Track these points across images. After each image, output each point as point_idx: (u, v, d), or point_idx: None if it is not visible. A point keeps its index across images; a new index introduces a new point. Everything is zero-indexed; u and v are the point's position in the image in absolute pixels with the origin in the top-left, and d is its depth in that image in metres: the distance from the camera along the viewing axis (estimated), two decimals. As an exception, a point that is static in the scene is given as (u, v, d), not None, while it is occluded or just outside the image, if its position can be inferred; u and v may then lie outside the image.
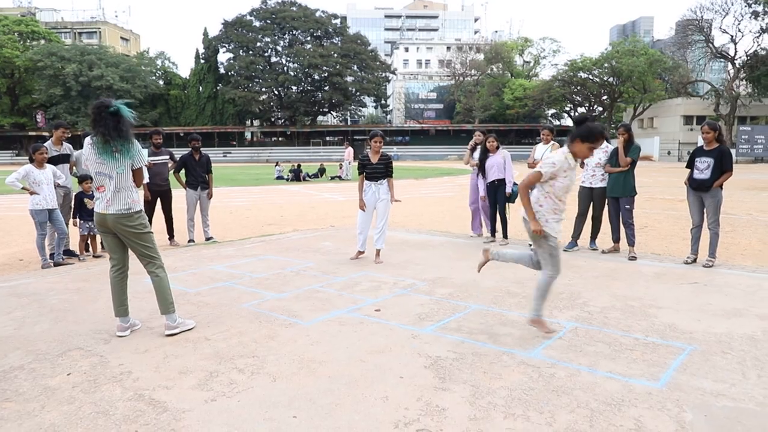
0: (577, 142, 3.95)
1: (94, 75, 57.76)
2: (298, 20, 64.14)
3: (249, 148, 67.78)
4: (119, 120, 3.86)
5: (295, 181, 26.03)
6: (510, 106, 62.46)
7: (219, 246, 8.01)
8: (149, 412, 2.87)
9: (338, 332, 4.13)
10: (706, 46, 51.83)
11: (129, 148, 3.95)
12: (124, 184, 3.99)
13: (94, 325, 4.32)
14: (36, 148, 6.69)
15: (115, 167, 3.93)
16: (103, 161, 3.93)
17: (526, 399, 3.02)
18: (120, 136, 3.88)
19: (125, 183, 3.99)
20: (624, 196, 6.93)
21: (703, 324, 4.30)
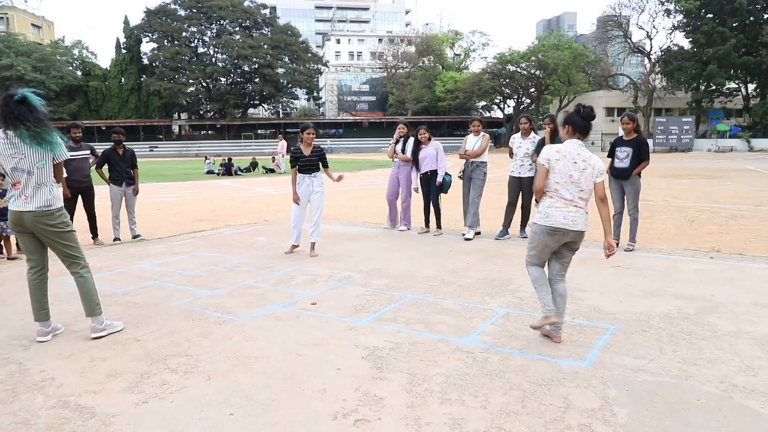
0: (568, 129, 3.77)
1: (2, 64, 53.83)
2: (226, 9, 62.29)
3: (177, 142, 65.40)
4: (30, 109, 3.61)
5: (226, 175, 25.39)
6: (441, 98, 63.49)
7: (147, 244, 7.71)
8: (75, 419, 2.74)
9: (274, 327, 4.09)
10: (625, 42, 54.71)
11: (50, 139, 3.70)
12: (44, 180, 3.74)
13: (11, 332, 4.05)
14: None
15: (34, 161, 3.69)
16: (21, 155, 3.67)
17: (462, 384, 3.10)
18: (38, 125, 3.63)
19: (45, 178, 3.75)
20: None
21: (624, 305, 4.55)
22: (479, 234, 7.90)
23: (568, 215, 3.67)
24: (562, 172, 3.67)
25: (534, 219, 3.82)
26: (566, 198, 3.67)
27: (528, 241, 3.91)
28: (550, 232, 3.69)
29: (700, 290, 4.95)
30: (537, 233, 3.75)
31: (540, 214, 3.74)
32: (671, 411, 2.78)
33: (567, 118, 3.80)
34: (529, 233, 3.90)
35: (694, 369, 3.27)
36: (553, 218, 3.67)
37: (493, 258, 6.41)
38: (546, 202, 3.73)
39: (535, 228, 3.76)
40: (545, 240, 3.73)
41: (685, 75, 47.53)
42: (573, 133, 3.74)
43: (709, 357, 3.45)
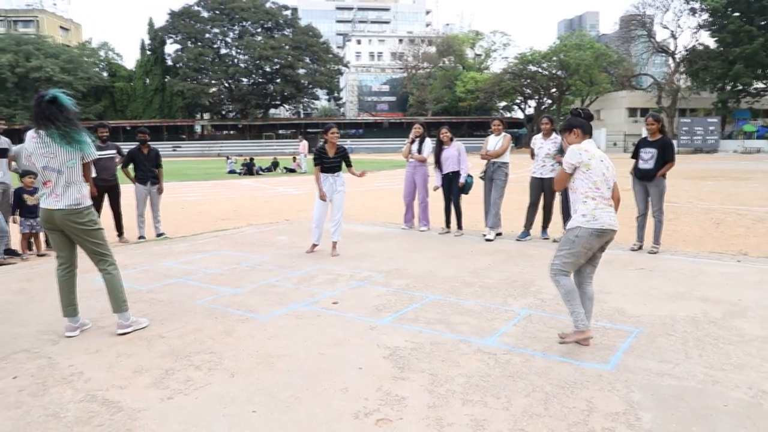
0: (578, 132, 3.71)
1: (32, 66, 55.05)
2: (248, 11, 62.83)
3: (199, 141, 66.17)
4: (61, 109, 3.70)
5: (248, 175, 25.62)
6: (462, 98, 63.19)
7: (171, 242, 7.82)
8: (102, 413, 2.79)
9: (296, 326, 4.12)
10: (649, 41, 53.89)
11: (80, 138, 3.79)
12: (74, 179, 3.83)
13: (41, 327, 4.15)
14: None
15: (64, 161, 3.78)
16: (52, 155, 3.76)
17: (484, 385, 3.09)
18: (68, 125, 3.72)
19: (75, 177, 3.84)
20: None
21: (648, 308, 4.49)
22: (500, 235, 7.86)
23: (612, 215, 3.64)
24: (597, 171, 3.59)
25: (576, 223, 3.59)
26: (606, 197, 3.63)
27: (563, 248, 3.64)
28: (599, 234, 3.58)
29: (726, 294, 4.86)
30: (582, 236, 3.56)
31: (585, 217, 3.56)
32: (698, 417, 2.74)
33: (573, 122, 3.72)
34: (565, 240, 3.64)
35: (721, 374, 3.22)
36: (602, 220, 3.57)
37: (515, 259, 6.37)
38: (590, 205, 3.58)
39: (581, 232, 3.56)
40: (591, 243, 3.59)
41: (710, 75, 46.66)
42: (584, 135, 3.69)
43: (737, 362, 3.39)
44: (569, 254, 3.61)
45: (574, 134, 3.69)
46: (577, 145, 3.65)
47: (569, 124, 3.72)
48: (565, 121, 3.77)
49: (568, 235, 3.65)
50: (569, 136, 3.72)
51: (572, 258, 3.61)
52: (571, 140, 3.70)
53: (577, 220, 3.61)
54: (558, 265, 3.64)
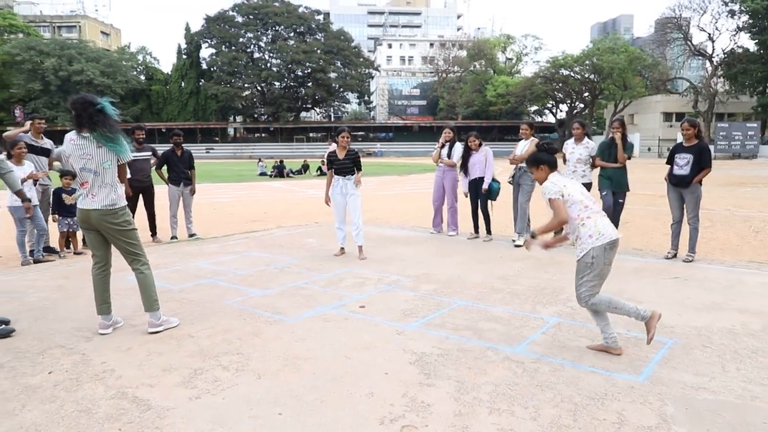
0: (545, 168, 3.77)
1: (74, 69, 56.88)
2: (281, 16, 63.72)
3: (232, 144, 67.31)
4: (107, 117, 3.84)
5: (278, 177, 25.90)
6: (492, 102, 62.78)
7: (202, 242, 7.94)
8: (132, 410, 2.85)
9: (323, 329, 4.13)
10: (685, 44, 52.65)
11: (117, 142, 3.91)
12: (109, 180, 3.94)
13: (76, 323, 4.26)
14: (14, 143, 6.55)
15: (101, 162, 3.88)
16: (89, 156, 3.87)
17: (511, 394, 3.04)
18: (109, 131, 3.85)
19: (110, 179, 3.94)
20: (621, 191, 7.06)
21: (683, 318, 4.37)
22: (530, 241, 7.74)
23: (611, 224, 3.66)
24: (576, 193, 3.65)
25: (587, 246, 3.55)
26: (597, 210, 3.66)
27: (584, 274, 3.58)
28: (612, 246, 3.57)
29: (766, 305, 4.69)
30: (598, 256, 3.53)
31: (592, 237, 3.55)
32: (734, 432, 2.64)
33: (540, 158, 3.76)
34: (582, 267, 3.60)
35: (760, 389, 3.10)
36: (608, 232, 3.57)
37: (545, 266, 6.27)
38: (589, 224, 3.58)
39: (595, 252, 3.53)
40: (609, 257, 3.58)
41: (750, 78, 45.34)
42: (550, 170, 3.74)
43: (777, 377, 3.27)
44: (593, 277, 3.58)
45: (541, 170, 3.75)
46: (548, 181, 3.70)
47: (536, 159, 3.77)
48: (532, 157, 3.83)
49: (584, 260, 3.59)
50: (537, 172, 3.78)
51: (597, 279, 3.59)
52: (539, 176, 3.76)
53: (586, 243, 3.57)
54: (585, 292, 3.60)
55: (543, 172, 3.74)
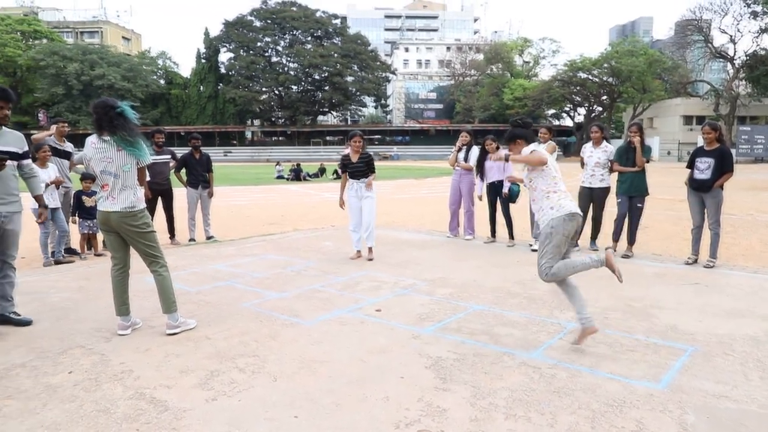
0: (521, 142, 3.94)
1: (95, 74, 57.87)
2: (299, 20, 64.19)
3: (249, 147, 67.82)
4: (126, 121, 3.90)
5: (295, 180, 26.04)
6: (510, 106, 62.46)
7: (220, 245, 8.01)
8: (150, 411, 2.87)
9: (339, 332, 4.13)
10: (706, 46, 51.93)
11: (137, 146, 3.97)
12: (129, 183, 3.99)
13: (96, 324, 4.32)
14: (38, 146, 6.68)
15: (121, 165, 3.94)
16: (109, 159, 3.93)
17: (527, 400, 3.02)
18: (128, 135, 3.91)
19: (130, 181, 4.00)
20: (638, 195, 6.98)
21: (704, 325, 4.30)
22: (547, 245, 7.68)
23: (575, 202, 3.85)
24: (553, 168, 3.86)
25: (547, 217, 3.76)
26: (564, 190, 3.86)
27: (543, 245, 3.77)
28: (571, 218, 3.75)
29: (790, 313, 4.60)
30: (557, 226, 3.72)
31: (553, 209, 3.75)
32: (757, 442, 2.59)
33: (515, 132, 3.92)
34: (543, 237, 3.77)
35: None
36: (568, 206, 3.76)
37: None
38: (553, 198, 3.78)
39: (554, 222, 3.72)
40: (567, 229, 3.74)
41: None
42: (527, 143, 3.90)
43: (801, 386, 3.20)
44: (551, 248, 3.74)
45: (518, 144, 3.91)
46: (528, 147, 3.86)
47: (512, 135, 3.91)
48: (508, 133, 3.96)
49: (544, 231, 3.78)
50: (515, 147, 3.92)
51: (555, 249, 3.75)
52: (517, 150, 3.91)
53: (547, 214, 3.78)
54: (545, 264, 3.76)
55: (520, 145, 3.91)
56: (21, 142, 4.32)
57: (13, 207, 4.26)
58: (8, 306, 4.33)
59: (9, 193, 4.21)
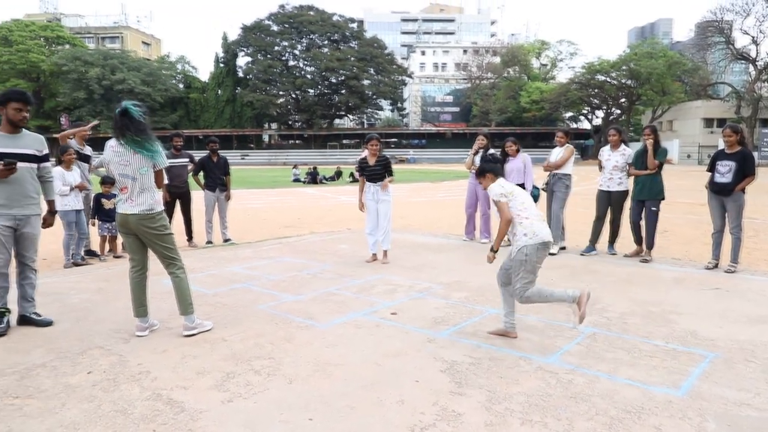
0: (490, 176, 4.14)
1: (116, 79, 58.82)
2: (316, 24, 64.59)
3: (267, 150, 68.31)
4: (131, 119, 3.92)
5: (311, 183, 26.15)
6: (527, 109, 62.18)
7: (237, 248, 8.07)
8: (166, 412, 2.90)
9: (354, 335, 4.14)
10: (727, 48, 51.16)
11: (151, 147, 4.00)
12: (147, 185, 4.04)
13: (115, 325, 4.37)
14: (63, 149, 6.81)
15: (137, 168, 3.99)
16: (126, 162, 3.98)
17: (544, 405, 2.99)
18: (135, 134, 3.93)
19: (148, 184, 4.04)
20: (651, 198, 6.87)
21: (725, 331, 4.22)
22: (564, 249, 7.63)
23: (547, 228, 4.00)
24: (520, 196, 4.02)
25: (521, 243, 3.88)
26: (536, 214, 4.02)
27: (518, 271, 3.87)
28: (544, 247, 3.90)
29: (814, 319, 4.50)
30: (531, 253, 3.86)
31: (527, 236, 3.88)
32: (780, 451, 2.53)
33: (485, 167, 4.18)
34: (517, 263, 3.88)
35: (807, 406, 2.97)
36: (542, 233, 3.89)
37: (580, 275, 6.16)
38: (526, 224, 3.91)
39: (528, 249, 3.86)
40: (540, 256, 3.90)
41: (797, 83, 43.72)
42: (495, 177, 4.12)
43: (826, 394, 3.12)
44: (526, 273, 3.88)
45: (488, 178, 4.13)
46: (495, 184, 4.06)
47: (482, 170, 4.19)
48: (478, 168, 4.25)
49: (517, 257, 3.89)
50: (484, 180, 4.16)
51: (530, 275, 3.89)
52: (486, 183, 4.13)
53: (521, 240, 3.90)
54: (520, 288, 3.89)
55: (489, 179, 4.12)
56: (40, 145, 4.37)
57: (30, 210, 4.30)
58: (29, 306, 4.41)
59: (26, 196, 4.26)
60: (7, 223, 4.18)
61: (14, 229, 4.25)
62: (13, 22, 61.24)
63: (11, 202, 4.17)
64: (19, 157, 4.18)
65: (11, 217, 4.19)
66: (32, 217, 4.33)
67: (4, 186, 4.14)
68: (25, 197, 4.25)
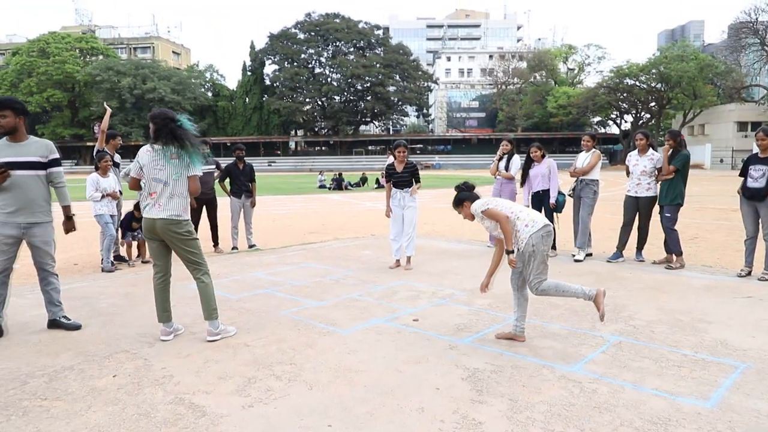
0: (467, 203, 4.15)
1: (147, 88, 60.20)
2: (342, 32, 65.13)
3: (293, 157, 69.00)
4: (184, 131, 4.05)
5: (337, 189, 26.28)
6: (553, 114, 61.52)
7: (261, 253, 8.14)
8: (188, 416, 2.93)
9: (376, 341, 4.13)
10: (762, 49, 49.85)
11: (194, 156, 4.10)
12: (178, 191, 4.11)
13: (140, 329, 4.45)
14: (101, 156, 6.99)
15: (171, 173, 4.07)
16: (160, 167, 4.06)
17: (567, 415, 2.93)
18: (187, 145, 4.05)
19: (180, 190, 4.11)
20: (667, 204, 6.74)
21: (758, 341, 4.09)
22: (590, 255, 7.50)
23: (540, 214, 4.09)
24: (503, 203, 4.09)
25: (524, 236, 3.90)
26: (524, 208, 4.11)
27: (530, 265, 3.91)
28: (548, 233, 3.94)
29: None
30: (537, 243, 3.88)
31: (528, 227, 3.91)
32: (814, 466, 2.44)
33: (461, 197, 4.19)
34: (527, 258, 3.91)
35: (844, 420, 2.85)
36: (539, 218, 3.98)
37: (606, 281, 6.04)
38: (523, 216, 3.98)
39: (533, 239, 3.87)
40: (547, 243, 3.93)
41: (836, 85, 42.35)
42: (472, 203, 4.12)
43: None
44: (538, 264, 3.90)
45: (465, 206, 4.16)
46: (475, 203, 4.10)
47: (458, 200, 4.20)
48: (454, 200, 4.23)
49: (526, 251, 3.91)
50: (463, 209, 4.18)
51: (542, 266, 3.92)
52: (466, 212, 4.16)
53: (524, 233, 3.91)
54: (534, 280, 3.92)
55: (467, 207, 4.14)
56: (46, 150, 4.31)
57: (36, 218, 4.27)
58: (57, 311, 4.51)
59: (33, 203, 4.24)
60: (10, 232, 4.19)
61: (18, 238, 4.25)
62: (50, 34, 63.24)
63: (17, 209, 4.19)
64: (22, 165, 4.18)
65: (16, 225, 4.21)
66: (41, 224, 4.32)
67: (8, 193, 4.16)
68: (31, 204, 4.24)
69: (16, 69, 60.26)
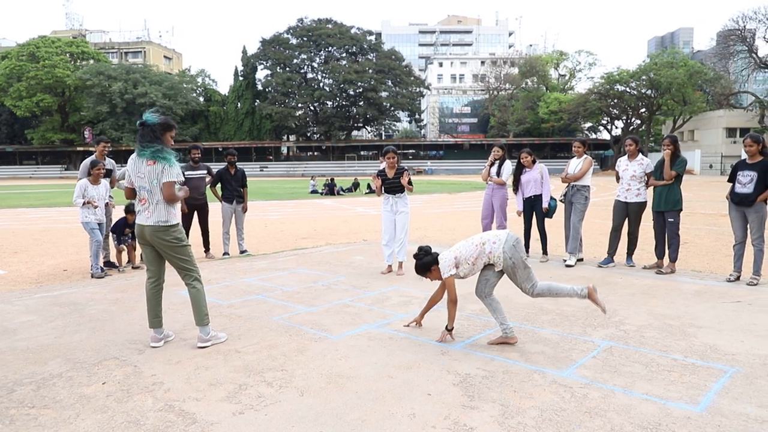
0: (435, 267, 4.22)
1: (138, 92, 59.97)
2: (334, 37, 65.26)
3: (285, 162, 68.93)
4: (152, 128, 3.97)
5: (329, 195, 26.26)
6: (545, 119, 61.89)
7: (252, 259, 8.11)
8: (178, 424, 2.91)
9: (367, 347, 4.12)
10: (750, 57, 50.50)
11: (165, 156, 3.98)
12: (161, 197, 4.08)
13: (130, 336, 4.41)
14: (94, 164, 6.95)
15: (150, 180, 4.04)
16: (141, 175, 4.04)
17: (558, 420, 2.94)
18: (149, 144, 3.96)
19: (161, 195, 4.08)
20: (668, 210, 6.78)
21: (746, 345, 4.12)
22: (581, 261, 7.54)
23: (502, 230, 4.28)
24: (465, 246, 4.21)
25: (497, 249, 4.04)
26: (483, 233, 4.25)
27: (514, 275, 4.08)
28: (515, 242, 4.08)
29: (840, 334, 4.37)
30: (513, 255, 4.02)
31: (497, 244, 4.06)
32: (802, 470, 2.46)
33: (425, 263, 4.27)
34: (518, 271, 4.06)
35: (831, 424, 2.88)
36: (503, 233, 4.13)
37: (596, 286, 6.05)
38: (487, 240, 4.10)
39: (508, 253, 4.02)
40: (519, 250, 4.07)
41: (823, 92, 42.91)
42: (436, 263, 4.24)
43: None
44: (523, 272, 4.05)
45: (434, 271, 4.24)
46: (441, 261, 4.20)
47: (423, 267, 4.27)
48: (419, 268, 4.31)
49: (506, 265, 4.05)
50: (432, 274, 4.26)
51: (527, 270, 4.07)
52: (435, 275, 4.25)
53: (497, 251, 4.05)
54: (528, 287, 4.08)
55: (436, 270, 4.21)
56: None
57: None
58: None
59: None
60: None
61: None
62: (40, 38, 62.89)
63: None
64: None
65: None
66: None
67: None
68: None
69: (5, 73, 59.85)
